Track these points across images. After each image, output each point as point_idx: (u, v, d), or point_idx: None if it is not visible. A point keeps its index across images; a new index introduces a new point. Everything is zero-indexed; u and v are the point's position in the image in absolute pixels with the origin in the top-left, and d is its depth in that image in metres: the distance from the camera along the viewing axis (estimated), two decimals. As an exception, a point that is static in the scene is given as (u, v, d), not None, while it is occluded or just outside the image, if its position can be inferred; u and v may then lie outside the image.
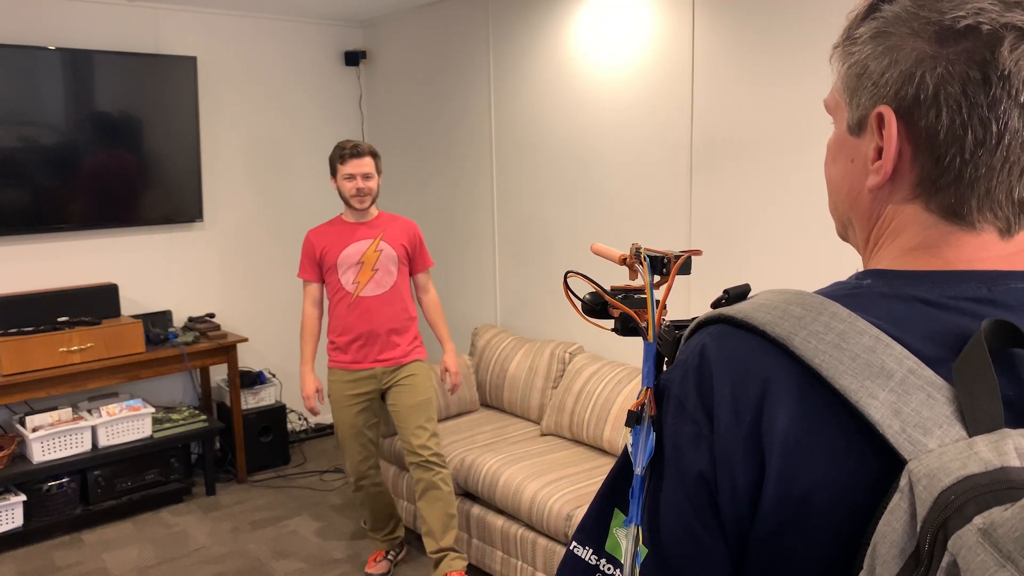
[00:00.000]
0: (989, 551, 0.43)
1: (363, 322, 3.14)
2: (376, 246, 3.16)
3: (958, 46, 0.56)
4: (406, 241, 3.23)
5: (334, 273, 3.15)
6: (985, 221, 0.59)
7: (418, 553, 3.47)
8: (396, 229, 3.22)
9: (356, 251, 3.14)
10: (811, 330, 0.56)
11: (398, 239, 3.21)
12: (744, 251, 3.07)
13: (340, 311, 3.17)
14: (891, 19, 0.59)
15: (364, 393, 3.18)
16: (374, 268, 3.15)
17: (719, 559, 0.59)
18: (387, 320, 3.16)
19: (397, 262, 3.18)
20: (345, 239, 3.16)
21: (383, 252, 3.16)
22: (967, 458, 0.47)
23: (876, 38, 0.60)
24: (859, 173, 0.64)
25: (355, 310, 3.14)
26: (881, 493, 0.51)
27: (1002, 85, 0.55)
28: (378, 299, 3.15)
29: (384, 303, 3.16)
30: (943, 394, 0.52)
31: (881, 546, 0.49)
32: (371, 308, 3.14)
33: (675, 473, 0.61)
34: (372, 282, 3.15)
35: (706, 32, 3.09)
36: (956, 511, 0.45)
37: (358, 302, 3.14)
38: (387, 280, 3.17)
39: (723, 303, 0.67)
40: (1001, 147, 0.56)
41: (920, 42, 0.57)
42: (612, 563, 0.66)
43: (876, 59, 0.60)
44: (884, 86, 0.59)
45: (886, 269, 0.63)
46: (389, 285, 3.17)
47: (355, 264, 3.13)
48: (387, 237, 3.18)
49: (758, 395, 0.57)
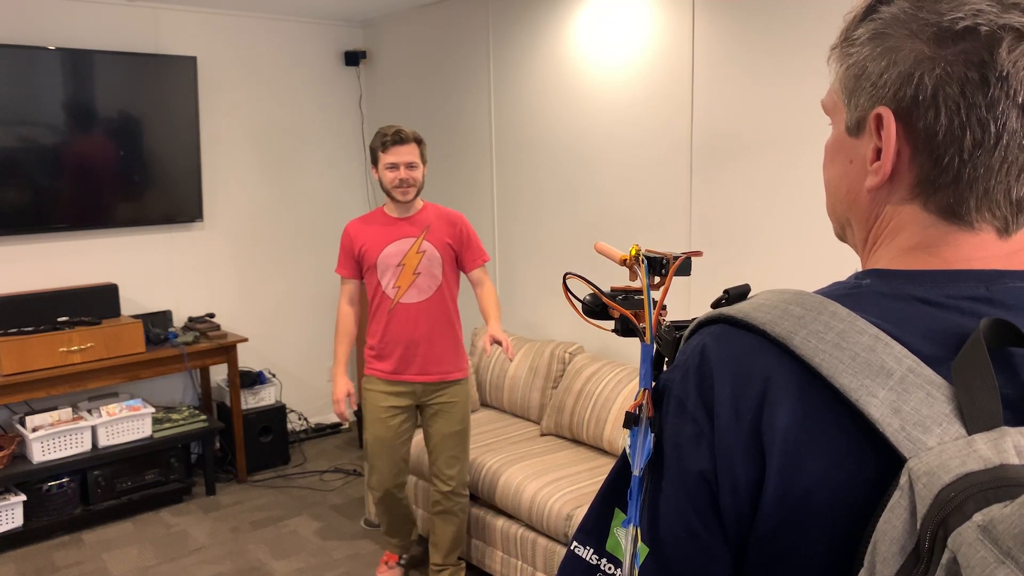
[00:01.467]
0: (989, 548, 0.43)
1: (404, 331, 2.91)
2: (419, 246, 2.90)
3: (956, 47, 0.56)
4: (451, 238, 2.94)
5: (374, 274, 2.92)
6: (983, 221, 0.60)
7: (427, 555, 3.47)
8: (441, 225, 2.94)
9: (397, 251, 2.89)
10: (811, 329, 0.56)
11: (442, 237, 2.93)
12: (744, 251, 3.06)
13: (380, 316, 2.94)
14: (889, 20, 0.59)
15: (402, 407, 2.97)
16: (416, 272, 2.89)
17: (719, 558, 0.59)
18: (429, 330, 2.92)
19: (441, 264, 2.92)
20: (386, 236, 2.91)
21: (426, 253, 2.89)
22: (966, 456, 0.47)
23: (874, 39, 0.60)
24: (858, 174, 0.64)
25: (395, 317, 2.92)
26: (881, 491, 0.51)
27: (1000, 86, 0.55)
28: (420, 306, 2.91)
29: (426, 311, 2.91)
30: (942, 392, 0.52)
31: (881, 543, 0.49)
32: (412, 316, 2.91)
33: (676, 472, 0.61)
34: (413, 287, 2.90)
35: (706, 32, 3.08)
36: (956, 508, 0.45)
37: (398, 309, 2.91)
38: (430, 285, 2.92)
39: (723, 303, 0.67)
40: (999, 147, 0.56)
41: (919, 43, 0.57)
42: (613, 563, 0.66)
43: (874, 60, 0.60)
44: (883, 87, 0.59)
45: (885, 269, 0.63)
46: (432, 290, 2.92)
47: (396, 266, 2.89)
48: (431, 236, 2.91)
49: (758, 394, 0.57)
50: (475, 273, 3.01)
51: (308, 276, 4.93)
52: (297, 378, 4.94)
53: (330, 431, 5.02)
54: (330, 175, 4.96)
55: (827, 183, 0.69)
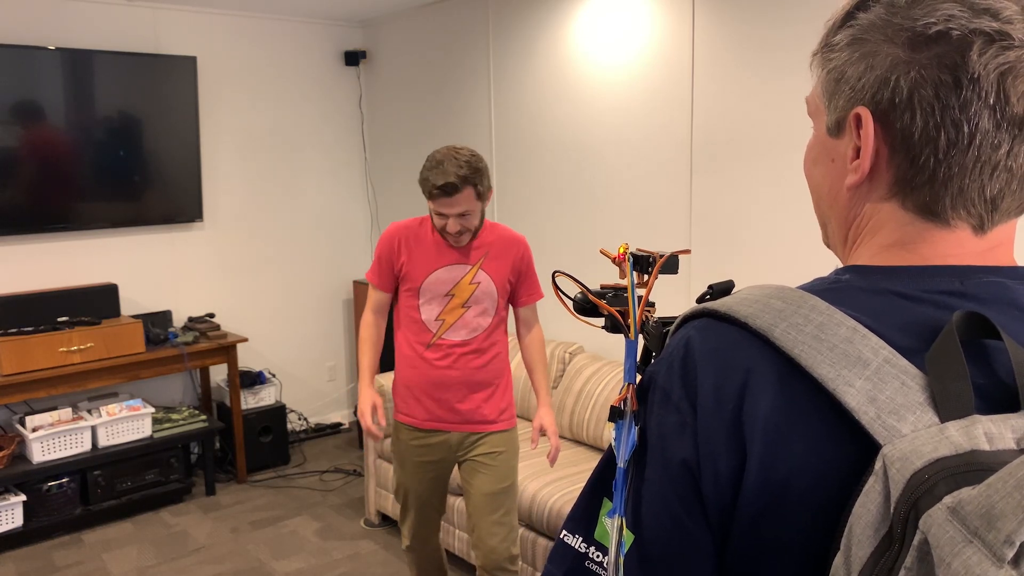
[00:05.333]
0: (957, 527, 0.45)
1: (443, 372, 2.47)
2: (473, 276, 2.45)
3: (930, 51, 0.58)
4: (510, 270, 2.49)
5: (414, 298, 2.47)
6: (959, 218, 0.61)
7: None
8: (501, 251, 2.48)
9: (448, 278, 2.45)
10: (791, 322, 0.58)
11: (502, 268, 2.48)
12: (744, 250, 3.06)
13: (416, 350, 2.51)
14: (866, 27, 0.62)
15: (435, 461, 2.56)
16: (466, 305, 2.46)
17: (702, 545, 0.60)
18: (474, 374, 2.49)
19: (496, 299, 2.48)
20: (437, 258, 2.46)
21: (480, 285, 2.45)
22: (939, 442, 0.49)
23: (852, 45, 0.62)
24: (838, 172, 0.66)
25: (434, 355, 2.48)
26: (857, 477, 0.53)
27: (972, 88, 0.57)
28: (466, 346, 2.47)
29: (473, 352, 2.48)
30: (917, 382, 0.54)
31: (857, 526, 0.51)
32: (455, 356, 2.47)
33: (660, 461, 0.63)
34: (461, 323, 2.46)
35: (706, 32, 3.08)
36: (927, 491, 0.47)
37: (439, 346, 2.47)
38: (481, 322, 2.48)
39: (708, 298, 0.69)
40: (972, 147, 0.58)
41: (894, 48, 0.60)
42: (601, 551, 0.68)
43: (853, 65, 0.62)
44: (861, 90, 0.62)
45: (864, 265, 0.65)
46: (482, 329, 2.48)
47: (443, 296, 2.45)
48: (489, 264, 2.46)
49: (740, 384, 0.59)
50: (525, 311, 2.58)
51: (308, 276, 4.93)
52: (297, 378, 4.94)
53: (330, 431, 5.03)
54: (330, 175, 4.97)
55: (812, 184, 0.72)
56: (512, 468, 2.56)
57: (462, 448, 2.55)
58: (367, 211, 5.14)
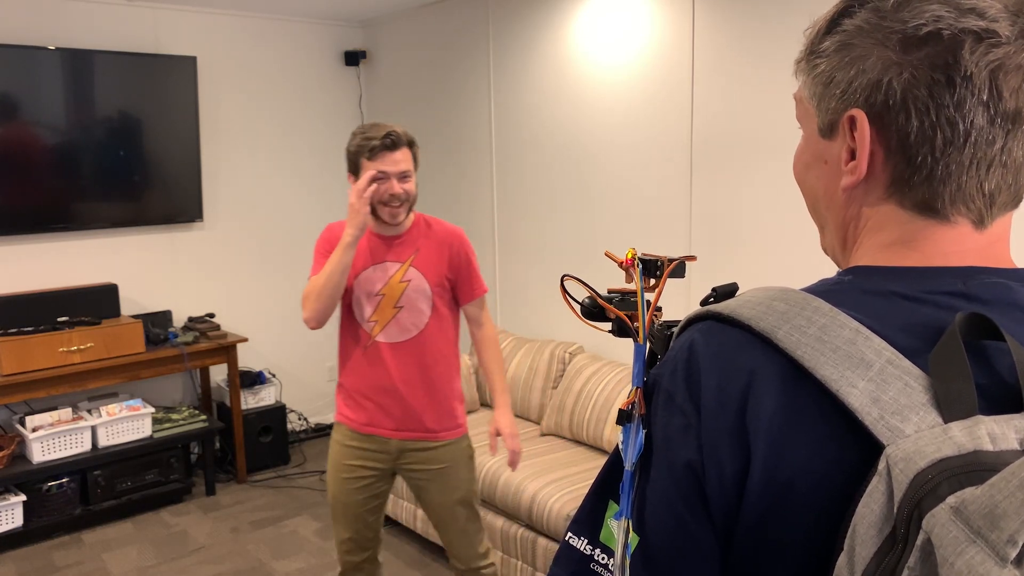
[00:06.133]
0: (960, 527, 0.45)
1: (380, 375, 2.34)
2: (403, 273, 2.32)
3: (921, 52, 0.59)
4: (446, 266, 2.35)
5: (348, 298, 2.35)
6: (959, 214, 0.62)
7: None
8: (434, 246, 2.35)
9: (377, 277, 2.32)
10: (794, 324, 0.59)
11: (435, 264, 2.34)
12: (744, 251, 3.07)
13: (353, 354, 2.38)
14: (854, 32, 0.62)
15: (370, 468, 2.39)
16: (397, 305, 2.32)
17: (706, 546, 0.60)
18: (413, 378, 2.34)
19: (430, 297, 2.33)
20: (367, 255, 2.33)
21: (412, 283, 2.31)
22: (942, 442, 0.49)
23: (841, 50, 0.63)
24: (833, 174, 0.67)
25: (370, 357, 2.35)
26: (861, 478, 0.53)
27: (966, 85, 0.58)
28: (402, 348, 2.33)
29: (409, 354, 2.34)
30: (919, 383, 0.54)
31: (860, 527, 0.51)
32: (391, 359, 2.33)
33: (664, 463, 0.63)
34: (394, 324, 2.32)
35: (706, 31, 3.09)
36: (930, 492, 0.47)
37: (374, 348, 2.34)
38: (416, 322, 2.33)
39: (711, 301, 0.69)
40: (969, 144, 0.59)
41: (886, 51, 0.60)
42: (606, 553, 0.68)
43: (842, 69, 0.63)
44: (853, 93, 0.62)
45: (866, 266, 0.65)
46: (418, 329, 2.34)
47: (374, 295, 2.32)
48: (420, 260, 2.33)
49: (744, 386, 0.59)
50: (471, 308, 2.45)
51: (308, 276, 4.93)
52: (297, 378, 4.94)
53: (330, 431, 5.02)
54: (330, 175, 4.97)
55: (806, 188, 0.72)
56: (463, 480, 2.42)
57: (402, 457, 2.39)
58: (367, 211, 5.13)
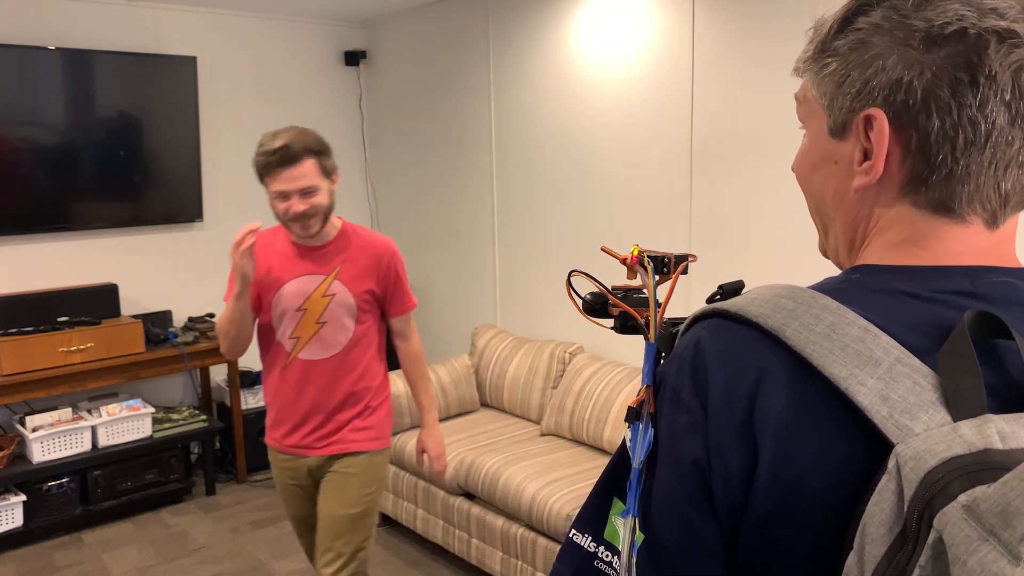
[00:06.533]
0: (973, 526, 0.45)
1: (300, 394, 2.23)
2: (327, 287, 2.19)
3: (944, 51, 0.59)
4: (373, 281, 2.23)
5: (268, 313, 2.22)
6: (974, 213, 0.62)
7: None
8: (361, 259, 2.22)
9: (299, 291, 2.19)
10: (802, 322, 0.58)
11: (361, 278, 2.21)
12: (744, 250, 3.07)
13: (273, 372, 2.28)
14: (871, 30, 0.62)
15: (303, 486, 2.37)
16: (319, 321, 2.19)
17: (712, 544, 0.60)
18: (334, 395, 2.24)
19: (355, 313, 2.21)
20: (288, 268, 2.21)
21: (335, 298, 2.18)
22: (951, 441, 0.49)
23: (857, 49, 0.62)
24: (844, 174, 0.66)
25: (290, 376, 2.24)
26: (869, 476, 0.53)
27: (990, 85, 0.58)
28: (324, 365, 2.22)
29: (333, 371, 2.22)
30: (928, 381, 0.54)
31: (870, 525, 0.51)
32: (312, 377, 2.22)
33: (670, 461, 0.63)
34: (316, 340, 2.20)
35: (706, 32, 3.09)
36: (941, 490, 0.47)
37: (295, 366, 2.22)
38: (339, 338, 2.21)
39: (718, 299, 0.69)
40: (989, 144, 0.59)
41: (907, 50, 0.60)
42: (610, 550, 0.68)
43: (858, 68, 0.62)
44: (870, 93, 0.62)
45: (874, 264, 0.65)
46: (342, 345, 2.21)
47: (295, 311, 2.19)
48: (345, 274, 2.20)
49: (752, 384, 0.59)
50: (397, 323, 2.33)
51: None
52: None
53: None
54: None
55: (811, 189, 0.71)
56: (364, 496, 2.27)
57: (320, 471, 2.32)
58: (367, 211, 5.14)
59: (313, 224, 2.15)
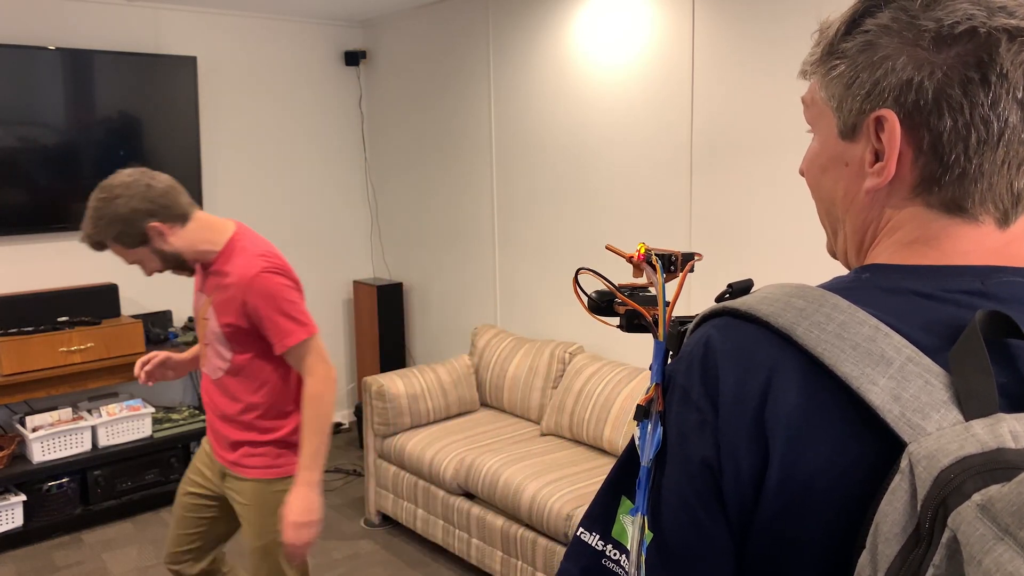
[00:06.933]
0: (988, 525, 0.45)
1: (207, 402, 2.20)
2: (206, 310, 2.07)
3: (952, 51, 0.59)
4: (236, 314, 2.00)
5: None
6: (987, 213, 0.62)
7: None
8: (228, 290, 2.00)
9: (195, 305, 2.16)
10: (813, 320, 0.58)
11: (227, 308, 2.01)
12: (744, 250, 3.07)
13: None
14: (879, 31, 0.62)
15: (207, 480, 2.26)
16: (204, 342, 2.13)
17: (721, 543, 0.60)
18: (220, 413, 2.15)
19: (225, 343, 2.05)
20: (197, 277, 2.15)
21: (208, 323, 2.06)
22: (964, 440, 0.49)
23: (866, 50, 0.62)
24: (854, 176, 0.66)
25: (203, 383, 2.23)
26: (881, 476, 0.53)
27: (1001, 83, 0.58)
28: (215, 386, 2.15)
29: (221, 394, 2.14)
30: (940, 380, 0.54)
31: (883, 525, 0.51)
32: (209, 390, 2.17)
33: (679, 460, 0.62)
34: (206, 360, 2.15)
35: (706, 31, 3.09)
36: (955, 489, 0.47)
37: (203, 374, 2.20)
38: (218, 364, 2.10)
39: (727, 297, 0.69)
40: (1002, 143, 0.59)
41: (917, 50, 0.60)
42: (618, 548, 0.68)
43: (867, 69, 0.62)
44: (880, 94, 0.62)
45: (884, 264, 0.65)
46: (221, 372, 2.10)
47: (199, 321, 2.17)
48: (215, 301, 2.03)
49: (762, 383, 0.59)
50: (287, 358, 2.08)
51: (308, 276, 4.92)
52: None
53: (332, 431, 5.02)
54: (330, 175, 4.97)
55: (821, 192, 0.71)
56: (264, 527, 2.12)
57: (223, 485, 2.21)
58: (367, 211, 5.14)
59: (160, 268, 2.07)
